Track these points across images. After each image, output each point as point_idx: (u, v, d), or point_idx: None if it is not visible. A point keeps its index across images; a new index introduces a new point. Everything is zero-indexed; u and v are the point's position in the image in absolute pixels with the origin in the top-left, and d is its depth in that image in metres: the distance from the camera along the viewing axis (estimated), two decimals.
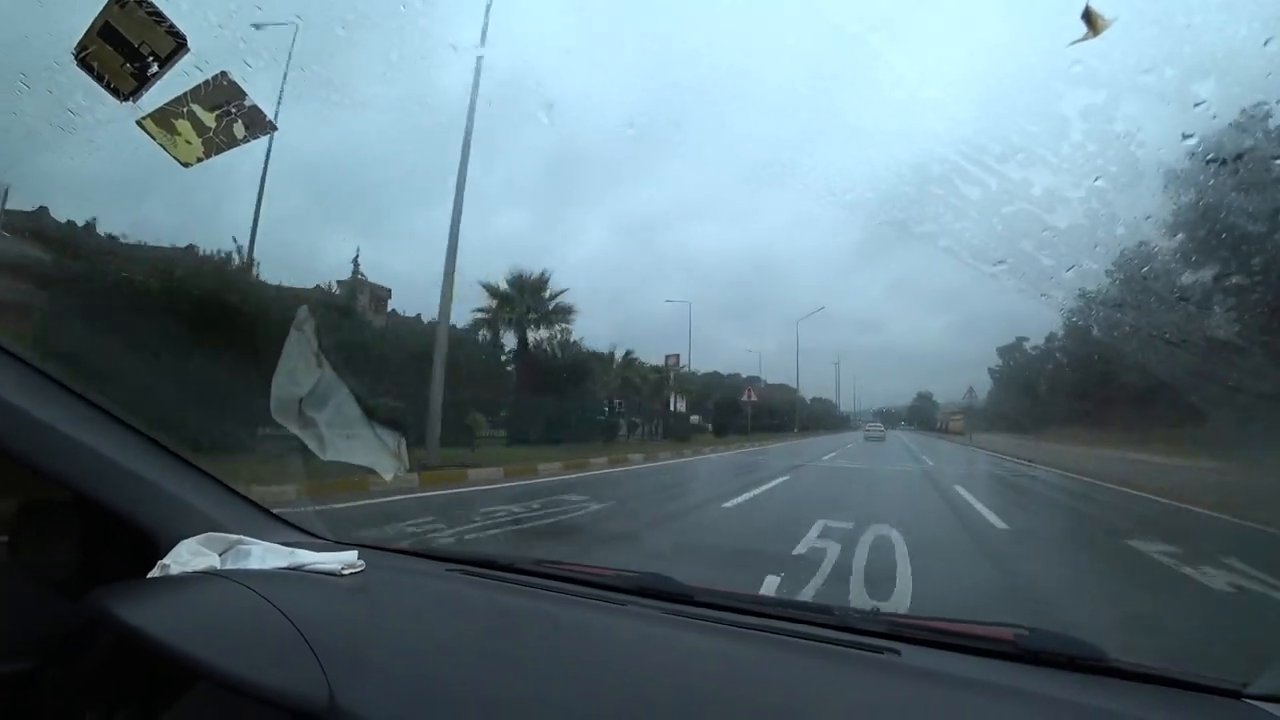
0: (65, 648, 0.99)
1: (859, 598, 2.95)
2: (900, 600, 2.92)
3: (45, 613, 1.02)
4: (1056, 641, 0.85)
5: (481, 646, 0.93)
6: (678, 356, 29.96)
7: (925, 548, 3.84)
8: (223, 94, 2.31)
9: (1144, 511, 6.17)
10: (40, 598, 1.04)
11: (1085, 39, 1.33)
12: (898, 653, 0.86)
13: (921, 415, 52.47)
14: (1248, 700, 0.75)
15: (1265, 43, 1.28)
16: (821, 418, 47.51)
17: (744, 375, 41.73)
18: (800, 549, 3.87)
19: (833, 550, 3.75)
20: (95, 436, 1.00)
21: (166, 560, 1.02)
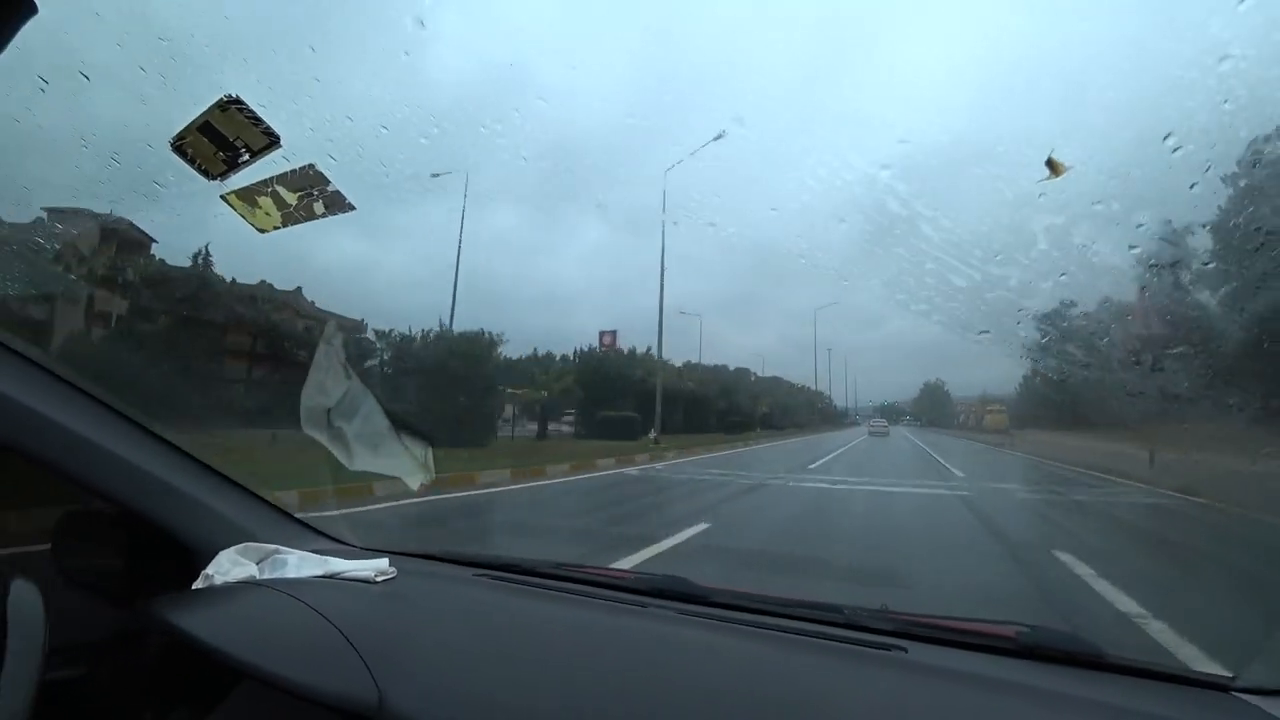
0: (116, 654, 1.03)
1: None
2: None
3: (91, 620, 1.05)
4: (1056, 638, 0.87)
5: (513, 650, 0.95)
6: (613, 334, 22.92)
7: None
8: (308, 181, 2.64)
9: None
10: (86, 605, 1.04)
11: (1049, 179, 1.67)
12: (905, 650, 0.89)
13: (932, 409, 44.58)
14: (1235, 693, 0.76)
15: (1191, 186, 1.64)
16: (799, 410, 39.55)
17: (731, 368, 35.08)
18: None
19: None
20: (136, 450, 1.02)
21: (209, 570, 1.05)
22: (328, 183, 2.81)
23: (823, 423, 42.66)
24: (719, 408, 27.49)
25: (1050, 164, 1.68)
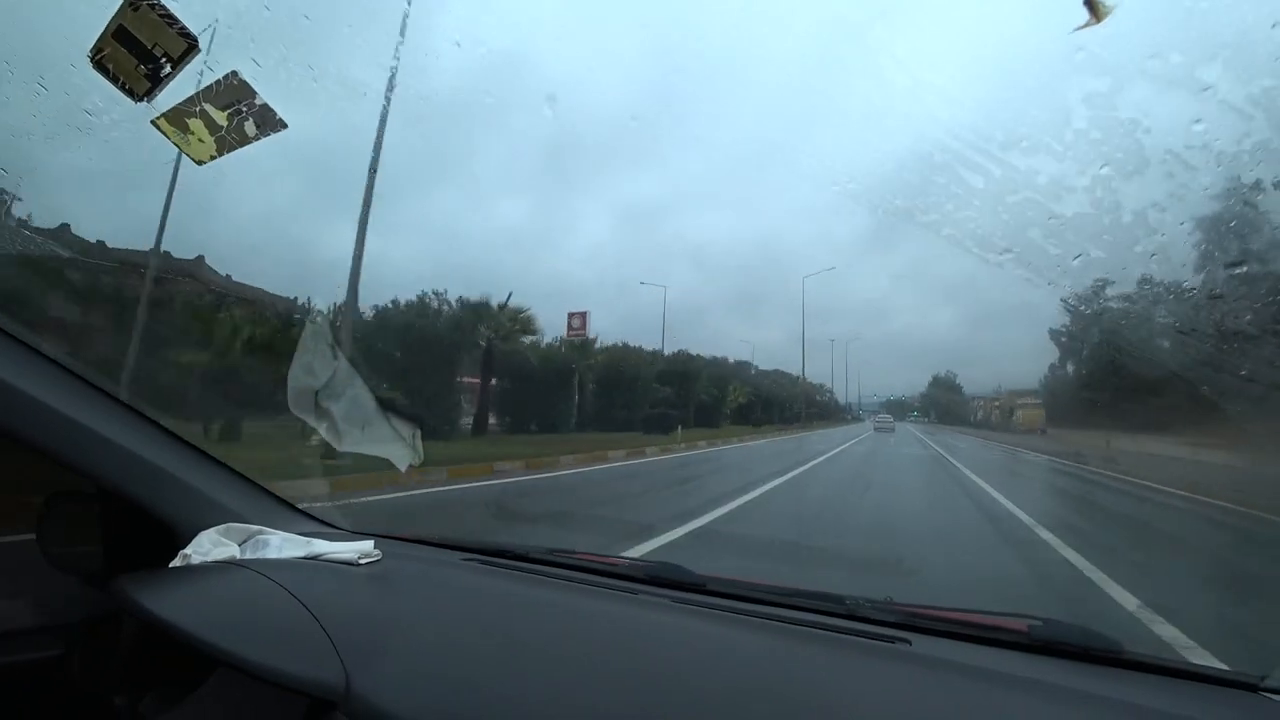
0: (92, 634, 1.02)
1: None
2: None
3: (72, 601, 1.07)
4: (1071, 632, 0.84)
5: (496, 635, 0.94)
6: (583, 316, 19.03)
7: None
8: (234, 93, 2.35)
9: None
10: (67, 587, 1.07)
11: (1088, 25, 1.33)
12: (909, 642, 0.86)
13: (942, 404, 40.64)
14: (1265, 693, 0.74)
15: (1273, 25, 1.27)
16: (792, 404, 33.47)
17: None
18: None
19: None
20: (117, 430, 1.02)
21: (188, 550, 1.04)
22: (254, 95, 2.48)
23: (819, 418, 38.15)
24: (658, 397, 20.83)
25: (1090, 3, 1.33)
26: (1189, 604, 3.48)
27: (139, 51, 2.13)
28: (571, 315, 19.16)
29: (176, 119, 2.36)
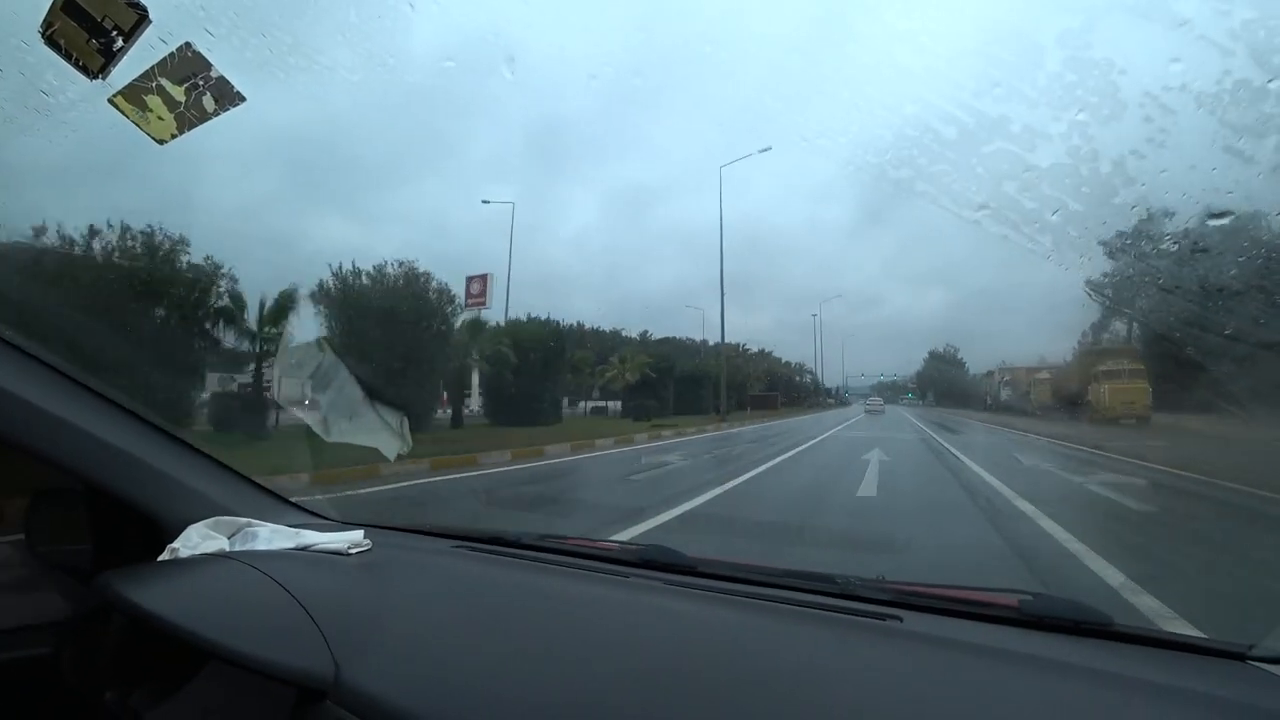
0: (82, 630, 1.02)
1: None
2: None
3: (61, 598, 1.08)
4: (1061, 606, 0.85)
5: (485, 622, 0.95)
6: (484, 280, 15.21)
7: None
8: (189, 66, 2.27)
9: None
10: (56, 584, 1.08)
11: None
12: (900, 619, 0.87)
13: (942, 383, 35.20)
14: (1252, 663, 0.74)
15: None
16: (749, 386, 27.06)
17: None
18: None
19: None
20: (102, 425, 1.01)
21: (176, 544, 1.04)
22: (210, 67, 2.40)
23: (790, 404, 31.56)
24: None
25: None
26: None
27: (89, 25, 2.05)
28: (470, 280, 14.60)
29: (133, 96, 2.29)
